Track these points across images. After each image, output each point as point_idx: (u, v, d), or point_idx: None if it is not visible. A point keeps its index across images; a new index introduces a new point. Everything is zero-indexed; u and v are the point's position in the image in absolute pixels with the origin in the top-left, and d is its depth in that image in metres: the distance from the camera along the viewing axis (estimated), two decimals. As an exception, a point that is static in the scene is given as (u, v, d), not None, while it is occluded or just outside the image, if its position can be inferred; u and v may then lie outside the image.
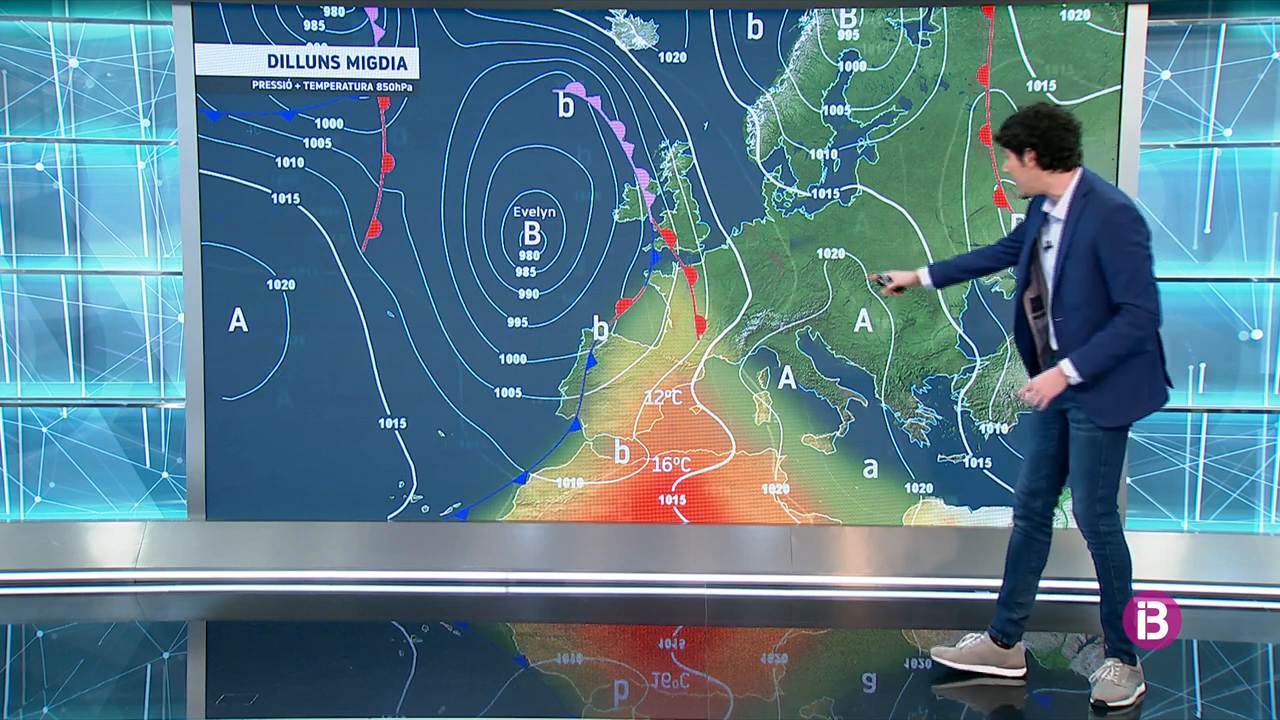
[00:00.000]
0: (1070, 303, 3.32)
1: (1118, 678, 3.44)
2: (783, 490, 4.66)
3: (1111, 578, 3.44)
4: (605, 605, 4.48)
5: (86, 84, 4.67)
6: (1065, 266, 3.30)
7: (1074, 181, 3.34)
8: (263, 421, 4.65)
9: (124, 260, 4.74)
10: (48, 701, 3.50)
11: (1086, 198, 3.30)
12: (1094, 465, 3.36)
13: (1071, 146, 3.31)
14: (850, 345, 4.61)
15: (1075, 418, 3.40)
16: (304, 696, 3.53)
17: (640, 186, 4.57)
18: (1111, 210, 3.25)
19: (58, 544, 4.66)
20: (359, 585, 4.59)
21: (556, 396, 4.66)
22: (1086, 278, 3.28)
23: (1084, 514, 3.42)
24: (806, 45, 4.52)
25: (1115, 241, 3.23)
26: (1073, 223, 3.29)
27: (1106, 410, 3.33)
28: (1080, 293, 3.29)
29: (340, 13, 4.51)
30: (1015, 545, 3.59)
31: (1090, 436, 3.36)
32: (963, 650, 3.66)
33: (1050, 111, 3.33)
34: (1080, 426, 3.38)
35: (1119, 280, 3.23)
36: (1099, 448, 3.35)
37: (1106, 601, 3.48)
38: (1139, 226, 3.25)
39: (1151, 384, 3.38)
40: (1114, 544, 3.42)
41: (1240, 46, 4.51)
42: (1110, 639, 3.50)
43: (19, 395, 4.77)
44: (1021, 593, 3.59)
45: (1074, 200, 3.31)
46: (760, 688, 3.70)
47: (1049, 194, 3.37)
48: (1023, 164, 3.35)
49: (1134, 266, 3.23)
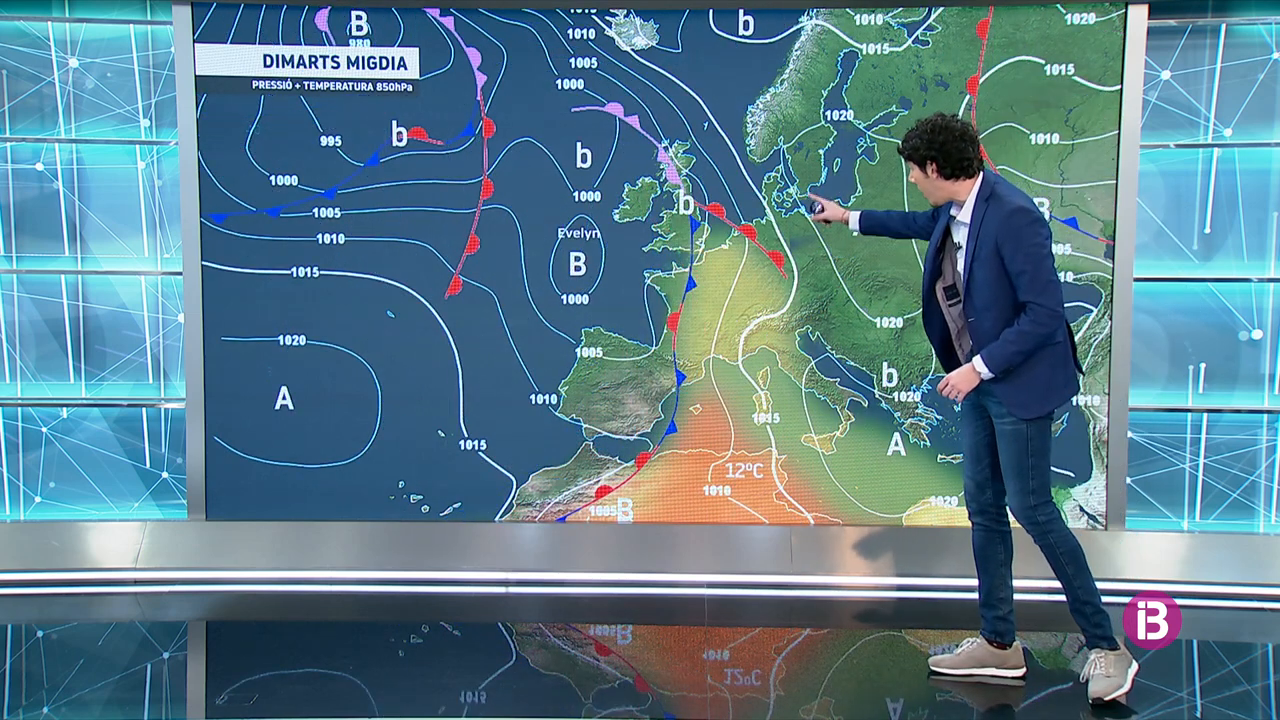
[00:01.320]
0: (980, 304, 3.39)
1: (1106, 668, 3.44)
2: (782, 490, 4.67)
3: (1064, 565, 3.44)
4: (605, 605, 4.48)
5: (86, 84, 4.67)
6: (973, 269, 3.38)
7: (976, 186, 3.42)
8: (263, 422, 4.66)
9: (124, 260, 4.74)
10: (48, 701, 3.50)
11: (988, 201, 3.38)
12: (1021, 458, 3.41)
13: (970, 156, 3.39)
14: (850, 345, 4.61)
15: (997, 413, 3.45)
16: (304, 696, 3.53)
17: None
18: (1010, 212, 3.33)
19: (58, 544, 4.66)
20: (359, 585, 4.59)
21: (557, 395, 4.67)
22: (993, 279, 3.35)
23: (1019, 507, 3.44)
24: (806, 45, 4.52)
25: (1016, 242, 3.31)
26: (976, 226, 3.38)
27: (1026, 403, 3.38)
28: (989, 294, 3.37)
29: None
30: (978, 543, 3.61)
31: (1014, 430, 3.41)
32: (960, 656, 3.65)
33: (946, 124, 3.41)
34: (1003, 421, 3.43)
35: (1021, 280, 3.31)
36: (1024, 440, 3.40)
37: (1068, 591, 3.47)
38: (1038, 227, 3.32)
39: (1064, 373, 3.45)
40: (1055, 531, 3.44)
41: (1240, 46, 4.51)
42: (1084, 629, 3.49)
43: (19, 395, 4.77)
44: (999, 588, 3.59)
45: (976, 204, 3.40)
46: (760, 688, 3.70)
47: (954, 199, 3.45)
48: (926, 175, 3.44)
49: (1034, 266, 3.30)
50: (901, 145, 3.48)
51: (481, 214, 4.60)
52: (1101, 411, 4.56)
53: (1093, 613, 3.45)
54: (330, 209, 4.60)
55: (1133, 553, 4.56)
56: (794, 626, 4.29)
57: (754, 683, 3.74)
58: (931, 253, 3.55)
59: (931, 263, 3.55)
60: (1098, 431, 4.57)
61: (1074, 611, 3.49)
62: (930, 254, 3.56)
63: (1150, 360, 4.64)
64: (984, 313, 3.39)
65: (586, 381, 4.67)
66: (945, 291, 3.53)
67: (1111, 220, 4.49)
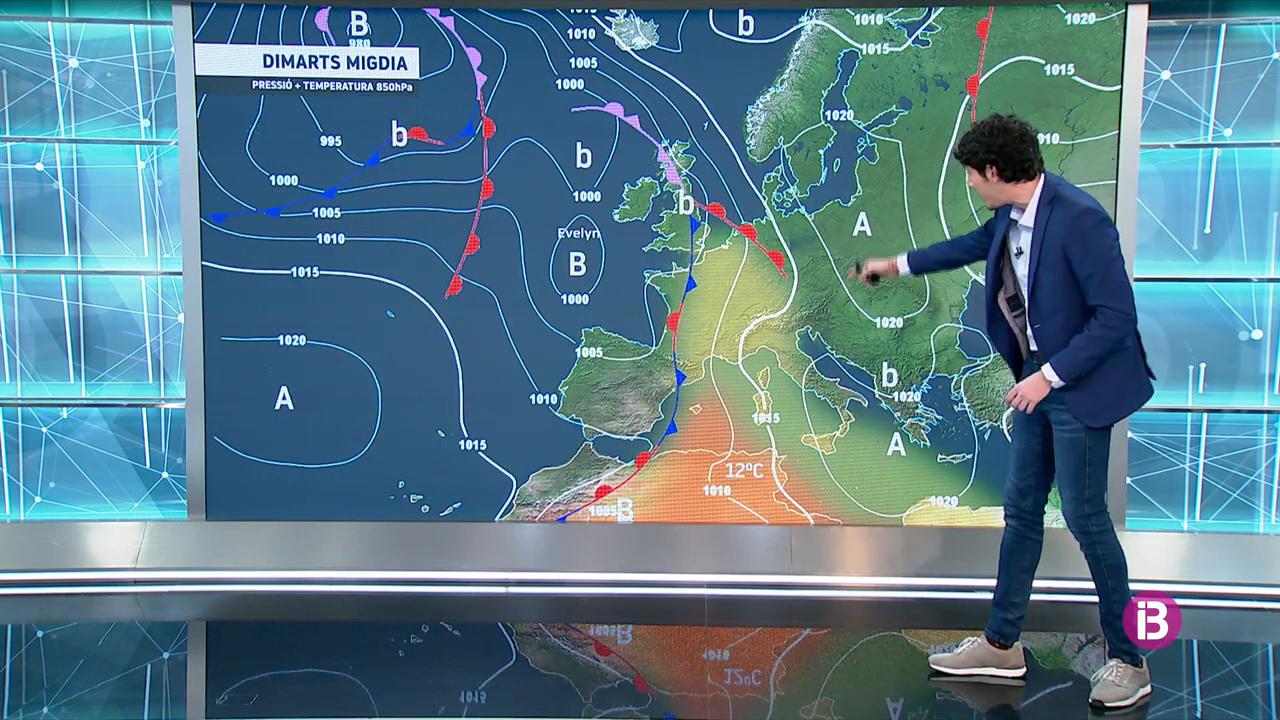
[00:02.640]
0: (1046, 309, 3.34)
1: (1119, 678, 3.44)
2: (782, 490, 4.67)
3: (1106, 577, 3.44)
4: (605, 605, 4.48)
5: (86, 84, 4.67)
6: (1038, 274, 3.32)
7: (1038, 189, 3.36)
8: (263, 423, 4.66)
9: (124, 260, 4.74)
10: (48, 701, 3.50)
11: (1052, 204, 3.32)
12: (1079, 466, 3.37)
13: (1030, 156, 3.34)
14: (850, 345, 4.61)
15: (1058, 419, 3.40)
16: (304, 696, 3.53)
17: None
18: (1078, 214, 3.27)
19: (58, 544, 4.66)
20: (359, 585, 4.59)
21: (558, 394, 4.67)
22: (1060, 283, 3.30)
23: (1073, 515, 3.42)
24: (806, 45, 4.52)
25: (1084, 245, 3.25)
26: (1041, 230, 3.32)
27: (1096, 411, 3.34)
28: (1055, 299, 3.31)
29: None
30: (1008, 545, 3.60)
31: (1074, 438, 3.37)
32: (960, 655, 3.66)
33: (1005, 125, 3.35)
34: (1063, 428, 3.39)
35: (1091, 283, 3.25)
36: (1083, 449, 3.36)
37: (1104, 602, 3.47)
38: (1106, 228, 3.27)
39: (1136, 380, 3.40)
40: (1105, 543, 3.43)
41: (1240, 46, 4.51)
42: (1111, 640, 3.50)
43: (19, 395, 4.77)
44: (1016, 592, 3.59)
45: (1040, 208, 3.34)
46: (760, 688, 3.70)
47: (1015, 203, 3.39)
48: (985, 179, 3.38)
49: (1104, 269, 3.24)
50: (959, 150, 3.41)
51: (481, 214, 4.61)
52: (1101, 411, 4.56)
53: (1121, 626, 3.45)
54: (330, 209, 4.60)
55: (1133, 553, 4.48)
56: (794, 626, 4.29)
57: (754, 683, 3.74)
58: (992, 263, 3.48)
59: (993, 273, 3.48)
60: (1098, 431, 4.57)
61: (1105, 623, 3.49)
62: (991, 265, 3.49)
63: (1150, 360, 4.63)
64: (1050, 318, 3.32)
65: (586, 381, 4.67)
66: (1009, 302, 3.48)
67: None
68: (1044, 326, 3.35)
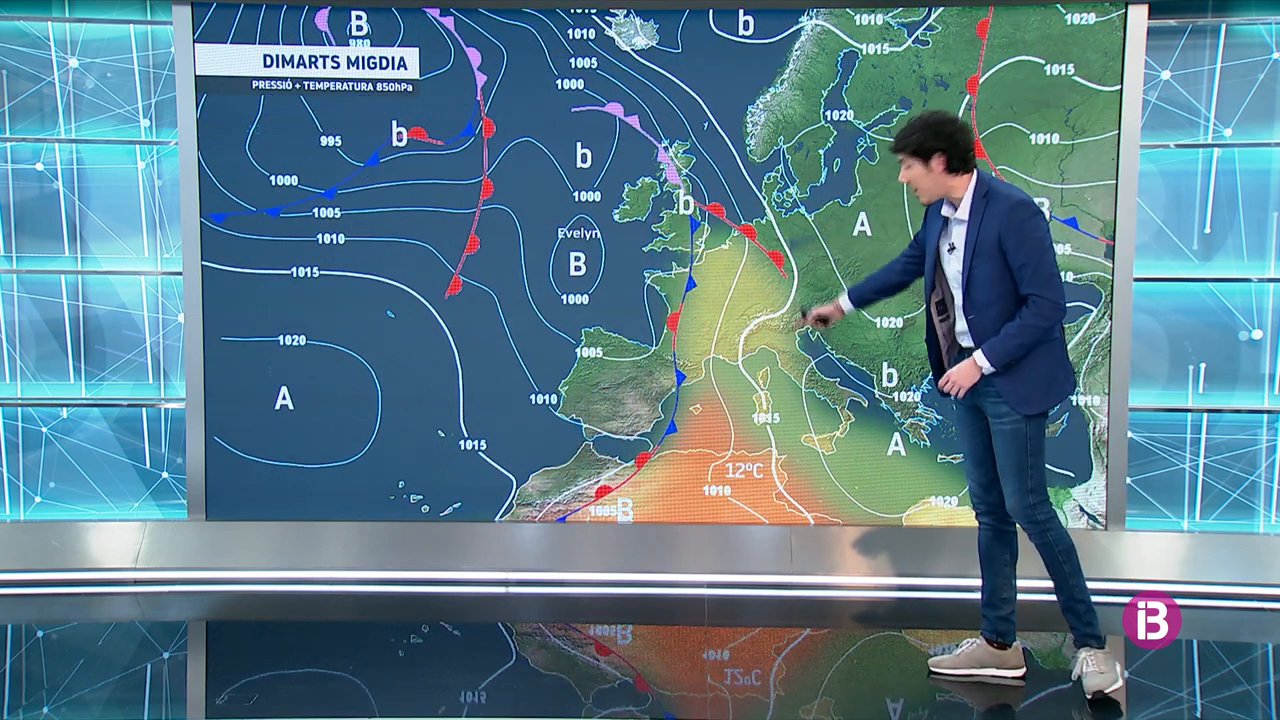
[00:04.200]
0: (981, 300, 3.36)
1: (1099, 665, 3.45)
2: (782, 490, 4.67)
3: (1061, 563, 3.44)
4: (605, 605, 4.48)
5: (86, 84, 4.67)
6: (973, 266, 3.34)
7: (973, 183, 3.38)
8: (263, 423, 4.66)
9: (124, 260, 4.74)
10: (48, 701, 3.50)
11: (986, 197, 3.34)
12: (1021, 457, 3.40)
13: (971, 148, 3.37)
14: (850, 345, 4.61)
15: (995, 413, 3.42)
16: (304, 696, 3.53)
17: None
18: (1013, 206, 3.31)
19: (58, 544, 4.66)
20: (359, 585, 4.59)
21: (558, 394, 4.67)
22: (995, 274, 3.32)
23: (1019, 506, 3.43)
24: (806, 45, 4.52)
25: (1019, 236, 3.29)
26: (976, 223, 3.34)
27: (1029, 398, 3.36)
28: (990, 290, 3.34)
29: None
30: (984, 542, 3.60)
31: (1014, 429, 3.39)
32: (960, 657, 3.65)
33: (949, 116, 3.39)
34: (1002, 421, 3.41)
35: (1024, 273, 3.29)
36: (1023, 439, 3.39)
37: (1062, 590, 3.47)
38: (1039, 220, 3.32)
39: (1063, 370, 3.43)
40: (1054, 529, 3.44)
41: (1240, 46, 4.51)
42: (1074, 627, 3.49)
43: (19, 395, 4.77)
44: (1003, 589, 3.59)
45: (974, 200, 3.36)
46: (760, 688, 3.70)
47: (950, 197, 3.40)
48: (928, 169, 3.37)
49: (1037, 259, 3.29)
50: (901, 142, 3.40)
51: (481, 214, 4.61)
52: (1101, 411, 4.56)
53: (1085, 611, 3.46)
54: (330, 209, 4.60)
55: (1133, 553, 4.56)
56: (794, 626, 4.29)
57: (754, 683, 3.74)
58: (930, 268, 3.50)
59: (931, 277, 3.50)
60: (1098, 431, 4.57)
61: (1066, 610, 3.49)
62: (929, 269, 3.50)
63: (1150, 360, 4.64)
64: (985, 309, 3.36)
65: (586, 381, 4.67)
66: (937, 306, 3.49)
67: (1111, 220, 4.49)
68: (979, 318, 3.37)
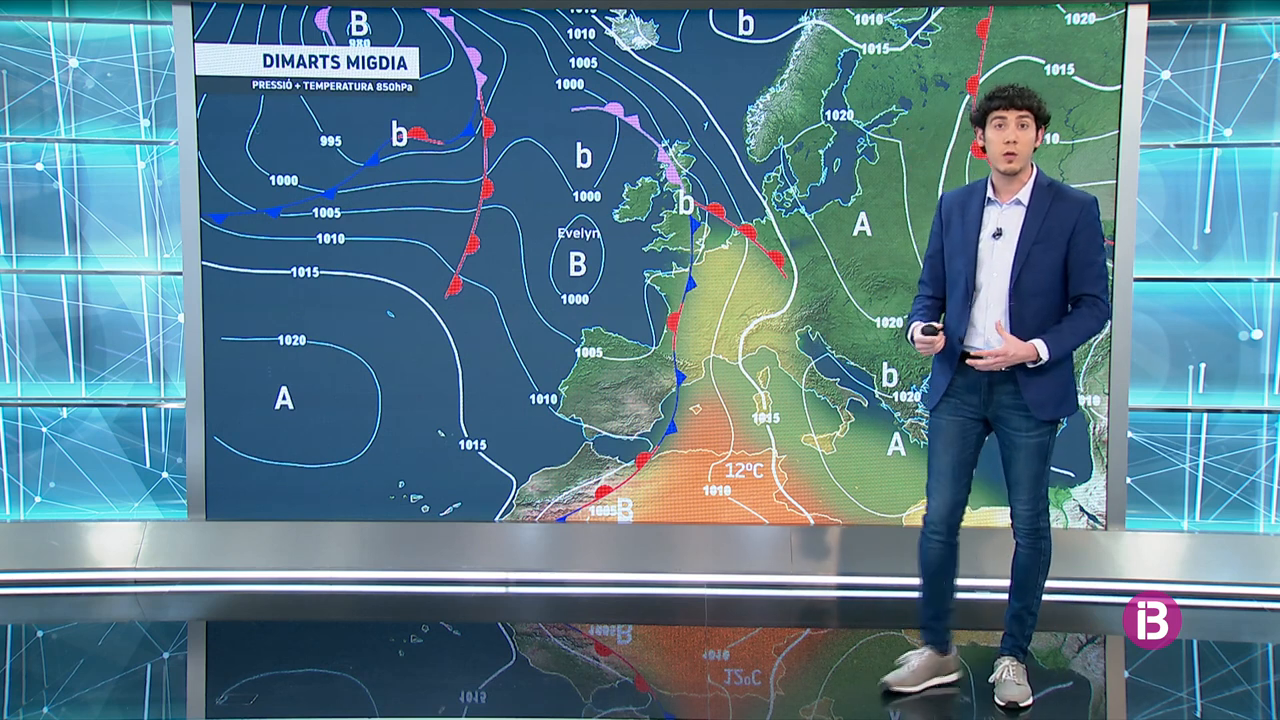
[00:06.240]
0: (1030, 289, 3.26)
1: (1018, 676, 3.44)
2: (782, 490, 4.67)
3: (1040, 574, 3.42)
4: (605, 605, 4.48)
5: (86, 84, 4.67)
6: (1033, 252, 3.25)
7: (1035, 171, 3.33)
8: (263, 422, 4.66)
9: (124, 260, 4.74)
10: (48, 701, 3.50)
11: (1052, 188, 3.30)
12: (1041, 468, 3.35)
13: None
14: (850, 345, 4.61)
15: (1017, 427, 3.33)
16: (304, 696, 3.53)
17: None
18: (1090, 203, 3.29)
19: (58, 544, 4.67)
20: (359, 585, 4.59)
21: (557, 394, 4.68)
22: (1054, 265, 3.26)
23: (1029, 516, 3.38)
24: (806, 45, 4.52)
25: (1091, 233, 3.27)
26: (1042, 210, 3.26)
27: (1060, 400, 3.32)
28: (1045, 279, 3.26)
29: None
30: (939, 559, 3.47)
31: (1040, 441, 3.33)
32: (918, 671, 3.55)
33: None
34: (1028, 435, 3.32)
35: (1090, 272, 3.26)
36: (1045, 450, 3.35)
37: (1023, 598, 3.44)
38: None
39: (1074, 381, 3.40)
40: (1048, 539, 3.42)
41: (1240, 46, 4.51)
42: (1014, 635, 3.47)
43: (19, 395, 4.77)
44: (949, 600, 3.53)
45: (1038, 189, 3.29)
46: (760, 688, 3.70)
47: (1020, 177, 3.29)
48: (1036, 136, 3.28)
49: (1103, 261, 3.29)
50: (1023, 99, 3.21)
51: (481, 214, 4.61)
52: (1101, 411, 4.56)
53: (1032, 624, 3.46)
54: (330, 209, 4.60)
55: (1133, 553, 4.56)
56: (794, 626, 4.29)
57: (754, 683, 3.74)
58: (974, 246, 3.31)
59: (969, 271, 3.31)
60: (1098, 431, 4.57)
61: (1014, 618, 3.47)
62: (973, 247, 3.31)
63: (1150, 360, 4.64)
64: (1031, 299, 3.26)
65: (586, 381, 4.67)
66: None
67: (1111, 220, 4.49)
68: (1023, 306, 3.27)
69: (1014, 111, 3.24)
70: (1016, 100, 3.25)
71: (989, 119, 3.28)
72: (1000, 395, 3.33)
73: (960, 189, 3.48)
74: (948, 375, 3.39)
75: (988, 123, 3.29)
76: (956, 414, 3.41)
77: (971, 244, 3.33)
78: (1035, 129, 3.27)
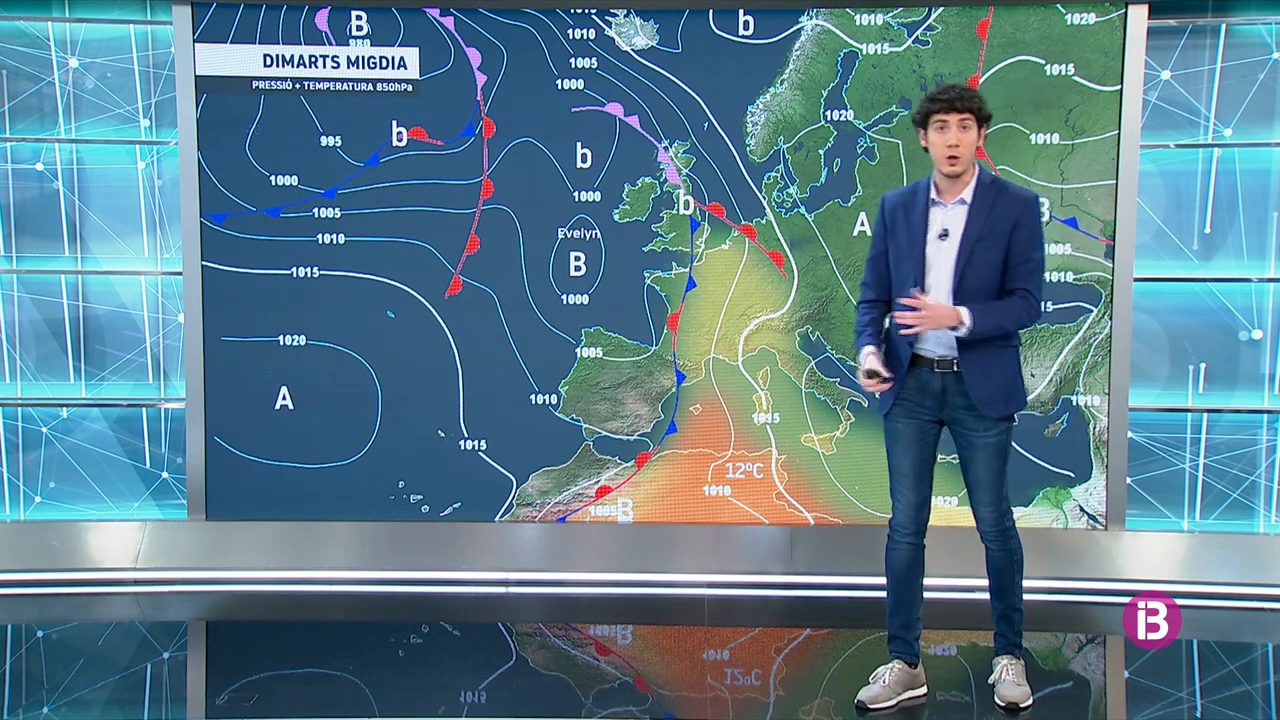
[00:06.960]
0: (974, 286, 3.26)
1: (1017, 676, 3.43)
2: (782, 490, 4.67)
3: (1015, 573, 3.41)
4: (605, 605, 4.48)
5: (86, 84, 4.67)
6: (974, 251, 3.26)
7: (977, 169, 3.33)
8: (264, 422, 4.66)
9: (124, 260, 4.74)
10: (48, 701, 3.50)
11: (994, 185, 3.30)
12: (1000, 467, 3.36)
13: None
14: (850, 345, 4.61)
15: (975, 428, 3.33)
16: (304, 696, 3.53)
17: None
18: (1032, 200, 3.30)
19: (58, 544, 4.67)
20: (359, 585, 4.59)
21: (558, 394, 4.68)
22: (995, 262, 3.26)
23: (994, 517, 3.38)
24: (806, 45, 4.52)
25: (1031, 230, 3.28)
26: (985, 208, 3.26)
27: (1009, 397, 3.32)
28: (987, 276, 3.26)
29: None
30: (907, 563, 3.48)
31: (999, 440, 3.34)
32: (891, 687, 3.49)
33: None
34: (986, 435, 3.33)
35: (1025, 267, 3.26)
36: (1003, 449, 3.36)
37: (1004, 598, 3.43)
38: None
39: (1020, 379, 3.39)
40: (1016, 538, 3.42)
41: (1240, 46, 4.51)
42: (1004, 635, 3.46)
43: (19, 395, 4.77)
44: (918, 608, 3.51)
45: (980, 186, 3.29)
46: (760, 688, 3.70)
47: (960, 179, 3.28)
48: (978, 136, 3.28)
49: (1040, 258, 3.30)
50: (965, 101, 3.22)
51: (481, 214, 4.61)
52: (1101, 411, 4.56)
53: (1019, 620, 3.45)
54: (330, 209, 4.60)
55: (1133, 553, 4.56)
56: (794, 626, 4.29)
57: (754, 683, 3.74)
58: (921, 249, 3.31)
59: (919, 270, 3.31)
60: (1098, 431, 4.57)
61: (1001, 618, 3.46)
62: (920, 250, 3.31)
63: (1150, 360, 4.64)
64: (975, 294, 3.26)
65: (586, 381, 4.67)
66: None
67: (1111, 220, 4.49)
68: (967, 302, 3.25)
69: (955, 114, 3.24)
70: (958, 103, 3.24)
71: (930, 121, 3.28)
72: (953, 397, 3.34)
73: (902, 190, 3.46)
74: (900, 379, 3.39)
75: (929, 125, 3.29)
76: (912, 416, 3.42)
77: (919, 246, 3.33)
78: (977, 129, 3.28)
